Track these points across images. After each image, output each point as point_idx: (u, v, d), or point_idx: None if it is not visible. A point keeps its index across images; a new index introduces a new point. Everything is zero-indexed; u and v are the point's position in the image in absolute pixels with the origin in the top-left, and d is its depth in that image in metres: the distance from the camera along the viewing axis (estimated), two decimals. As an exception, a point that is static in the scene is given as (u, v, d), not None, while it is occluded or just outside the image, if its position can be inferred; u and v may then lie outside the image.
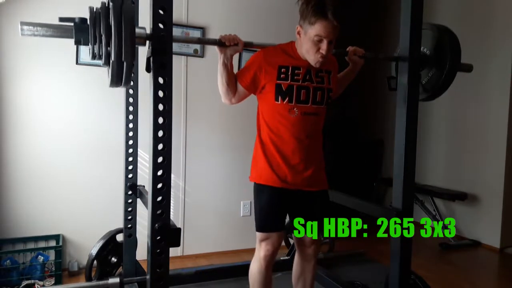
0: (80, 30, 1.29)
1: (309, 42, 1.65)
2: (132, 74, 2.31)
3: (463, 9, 4.12)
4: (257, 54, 1.76)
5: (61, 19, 1.30)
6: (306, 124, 1.76)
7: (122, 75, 1.30)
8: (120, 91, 2.33)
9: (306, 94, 1.73)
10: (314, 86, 1.75)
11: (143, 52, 1.61)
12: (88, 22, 1.30)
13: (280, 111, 1.73)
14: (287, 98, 1.71)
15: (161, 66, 1.39)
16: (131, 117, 2.31)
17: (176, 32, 3.01)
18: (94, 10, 1.30)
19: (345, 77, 2.01)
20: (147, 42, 1.41)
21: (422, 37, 1.86)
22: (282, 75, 1.70)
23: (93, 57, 1.31)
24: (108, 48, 1.27)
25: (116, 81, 1.31)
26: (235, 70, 1.80)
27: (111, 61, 1.27)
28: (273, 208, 1.79)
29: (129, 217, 2.39)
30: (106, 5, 1.30)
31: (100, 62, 1.33)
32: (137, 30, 1.35)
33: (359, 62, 1.94)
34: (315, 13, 1.59)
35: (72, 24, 1.29)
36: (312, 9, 1.60)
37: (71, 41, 1.34)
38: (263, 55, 1.73)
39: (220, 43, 1.66)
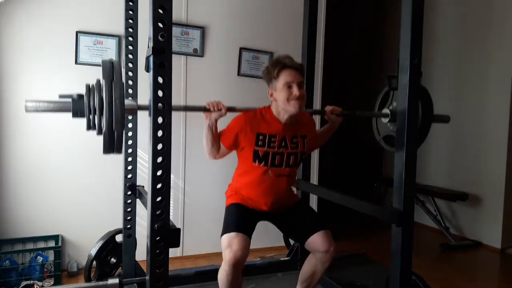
0: (77, 104, 1.44)
1: (282, 93, 1.81)
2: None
3: (464, 8, 4.12)
4: (238, 118, 1.91)
5: (61, 96, 1.46)
6: (279, 184, 1.95)
7: (114, 143, 1.43)
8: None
9: (281, 159, 1.92)
10: (289, 152, 1.93)
11: (143, 51, 1.60)
12: (85, 97, 1.43)
13: (256, 170, 1.92)
14: (263, 162, 1.89)
15: (160, 66, 1.39)
16: (130, 117, 2.30)
17: (176, 31, 3.00)
18: (90, 86, 1.44)
19: (324, 133, 2.21)
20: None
21: (394, 96, 1.99)
22: (260, 142, 1.88)
23: (88, 127, 1.44)
24: (101, 119, 1.40)
25: (108, 149, 1.43)
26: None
27: (103, 131, 1.39)
28: (241, 214, 1.93)
29: (129, 218, 2.38)
30: (100, 81, 1.43)
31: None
32: (127, 102, 1.47)
33: (336, 120, 2.12)
34: (276, 68, 1.81)
35: (70, 100, 1.45)
36: (272, 68, 1.83)
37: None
38: (244, 119, 1.89)
39: (206, 109, 1.82)
